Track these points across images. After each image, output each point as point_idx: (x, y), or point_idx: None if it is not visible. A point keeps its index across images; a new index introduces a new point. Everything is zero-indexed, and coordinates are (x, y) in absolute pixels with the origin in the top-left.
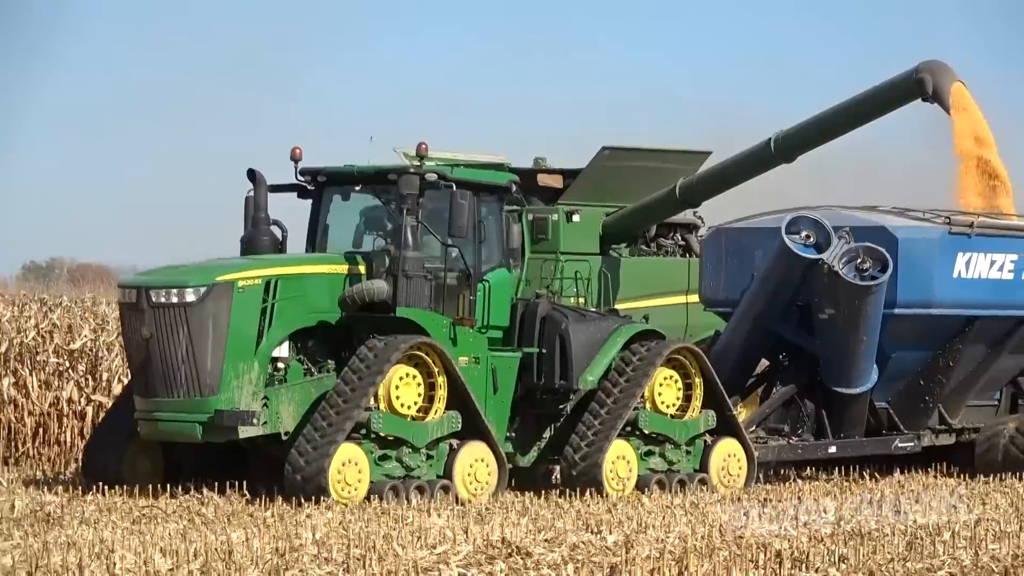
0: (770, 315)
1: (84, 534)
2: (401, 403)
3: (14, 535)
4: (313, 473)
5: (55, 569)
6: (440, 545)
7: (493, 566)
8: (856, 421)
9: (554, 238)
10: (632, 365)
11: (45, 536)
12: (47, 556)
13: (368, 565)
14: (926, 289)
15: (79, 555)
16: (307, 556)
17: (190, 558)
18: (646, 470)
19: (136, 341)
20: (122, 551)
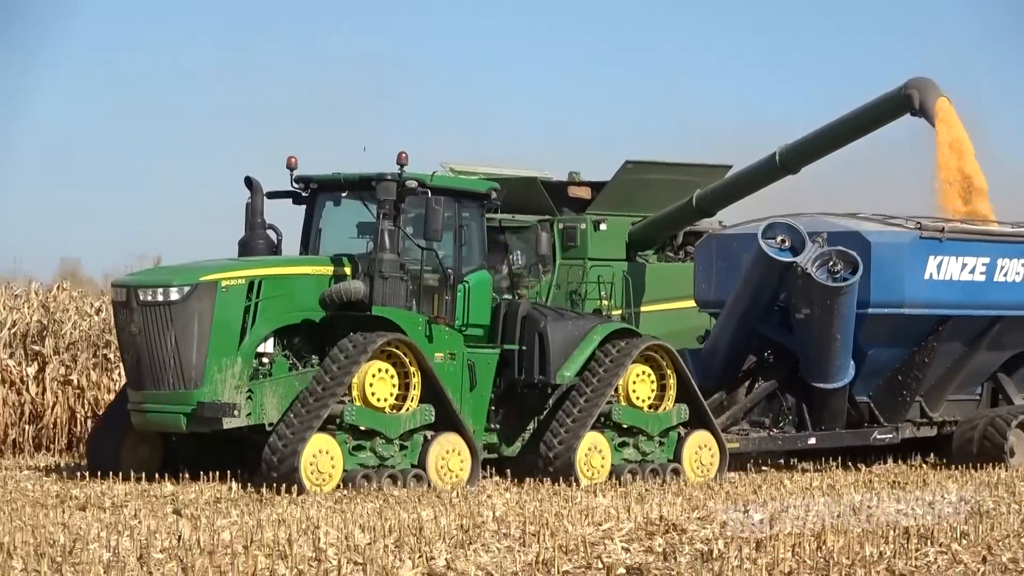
0: (752, 315)
1: (293, 512)
2: (375, 396)
3: (231, 513)
4: (286, 462)
5: (267, 543)
6: (605, 522)
7: (652, 541)
8: (836, 414)
9: (582, 245)
10: (607, 362)
11: (259, 514)
12: (260, 532)
13: (542, 540)
14: (897, 290)
15: (288, 531)
16: (488, 532)
17: (385, 533)
18: (620, 460)
19: (127, 337)
20: (326, 527)
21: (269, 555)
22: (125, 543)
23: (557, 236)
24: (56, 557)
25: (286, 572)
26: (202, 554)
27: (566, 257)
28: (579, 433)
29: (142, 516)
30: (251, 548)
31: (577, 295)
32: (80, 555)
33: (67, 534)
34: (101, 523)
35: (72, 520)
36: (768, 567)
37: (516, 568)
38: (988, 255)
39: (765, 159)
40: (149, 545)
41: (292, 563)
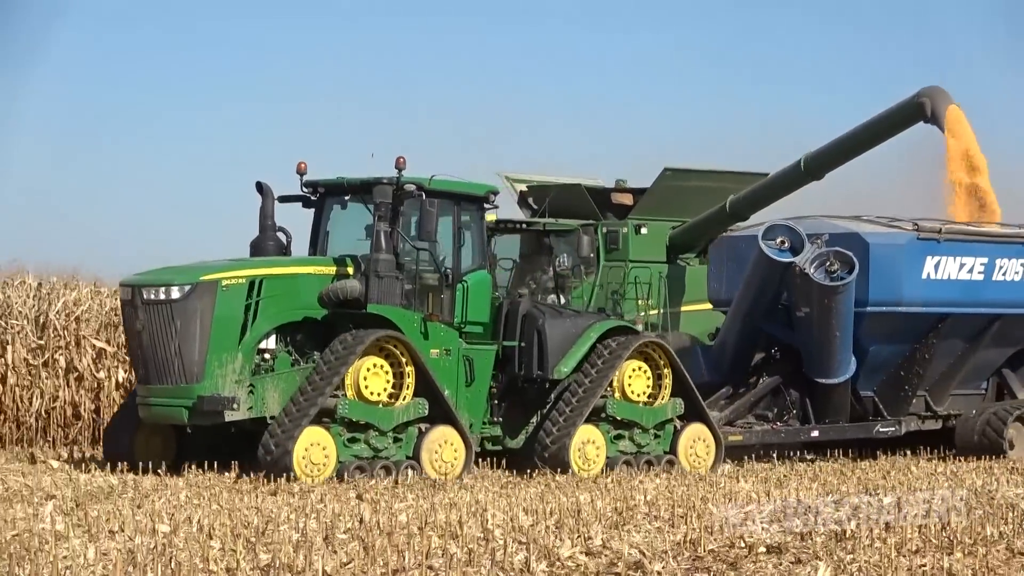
0: (756, 313)
1: (463, 496)
2: (369, 390)
3: (407, 497)
4: (280, 454)
5: (440, 525)
6: (747, 505)
7: (789, 522)
8: (839, 408)
9: (624, 248)
10: (603, 357)
11: (432, 498)
12: (434, 514)
13: (689, 521)
14: (895, 289)
15: (459, 513)
16: (640, 514)
17: (546, 515)
18: (616, 452)
19: (133, 334)
20: (493, 510)
21: (442, 535)
22: (312, 525)
23: (600, 239)
24: (250, 538)
25: (457, 551)
26: (381, 535)
27: (609, 259)
28: (573, 426)
29: (327, 500)
30: (425, 529)
31: (618, 295)
32: (272, 536)
33: (260, 517)
34: (291, 507)
35: (264, 504)
36: (896, 546)
37: (665, 547)
38: (987, 255)
39: (791, 166)
40: (334, 527)
41: (463, 543)
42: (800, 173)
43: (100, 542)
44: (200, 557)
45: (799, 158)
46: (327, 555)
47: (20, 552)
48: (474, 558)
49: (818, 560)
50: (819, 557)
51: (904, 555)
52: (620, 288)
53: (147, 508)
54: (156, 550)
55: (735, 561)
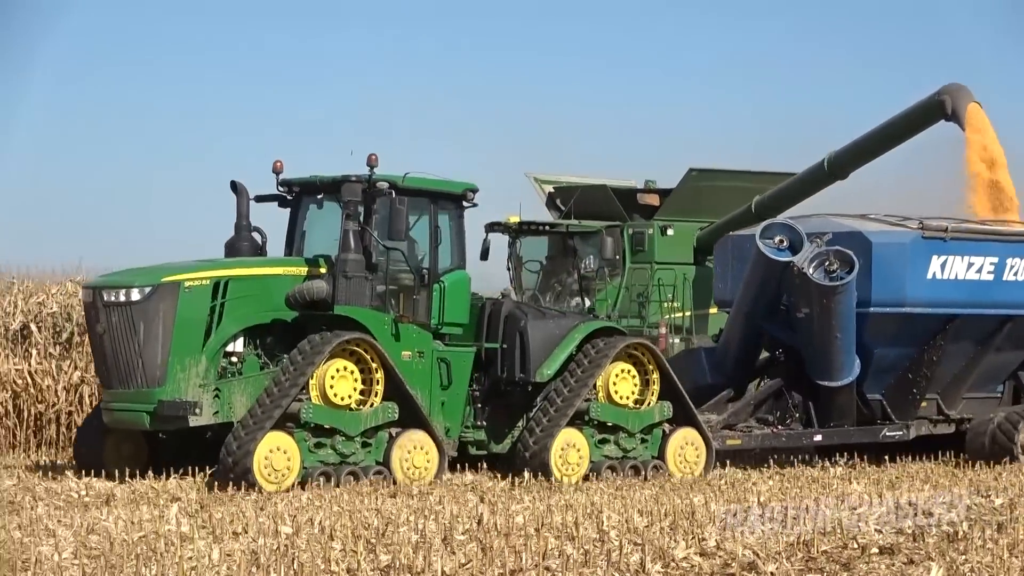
0: (757, 314)
1: (579, 498)
2: (335, 394)
3: (524, 499)
4: (240, 459)
5: (556, 526)
6: (859, 507)
7: (902, 524)
8: (844, 411)
9: (650, 250)
10: (587, 359)
11: (548, 500)
12: (550, 516)
13: (803, 522)
14: (898, 289)
15: (575, 515)
16: (753, 515)
17: (661, 517)
18: (600, 456)
19: (95, 337)
20: (608, 511)
21: (558, 536)
22: (431, 526)
23: (626, 241)
24: (370, 539)
25: (573, 551)
26: (499, 536)
27: (634, 261)
28: (554, 430)
29: (445, 502)
30: (542, 530)
31: (644, 297)
32: (392, 537)
33: (380, 518)
34: (410, 508)
35: (384, 506)
36: (1009, 547)
37: (779, 548)
38: (997, 254)
39: (814, 166)
40: (452, 528)
41: (579, 544)
42: (824, 173)
43: (224, 543)
44: (322, 558)
45: (823, 158)
46: (446, 556)
47: (147, 553)
48: (590, 559)
49: (930, 561)
50: (931, 558)
51: (1016, 556)
52: (646, 290)
53: (270, 510)
54: (279, 551)
55: (848, 562)
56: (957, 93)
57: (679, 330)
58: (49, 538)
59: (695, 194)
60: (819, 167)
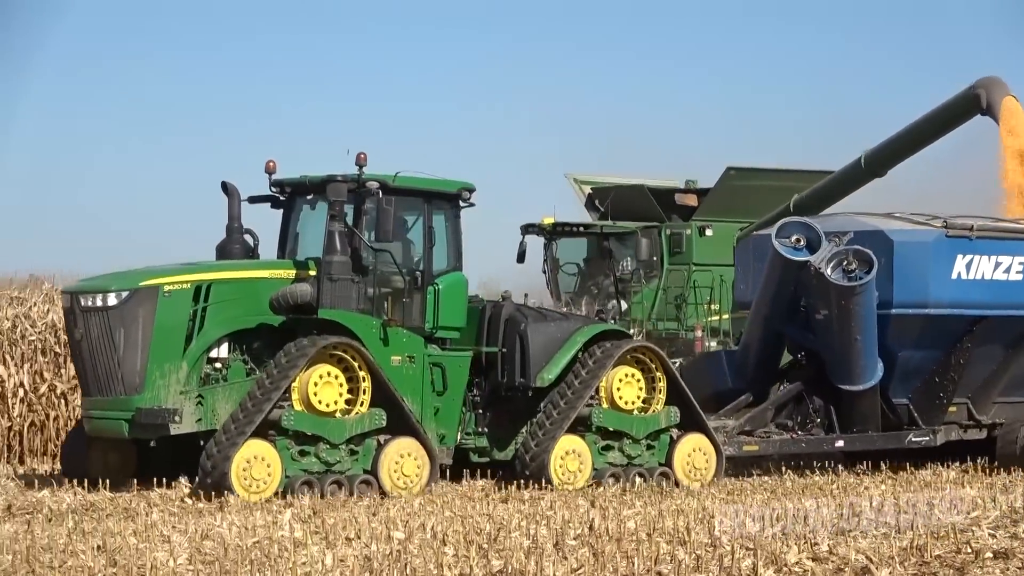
0: (776, 316)
1: (690, 503)
2: (319, 401)
3: (635, 504)
4: (218, 469)
5: (668, 531)
6: (973, 511)
7: (1017, 528)
8: (867, 416)
9: (688, 251)
10: (589, 364)
11: (660, 505)
12: (662, 521)
13: (915, 527)
14: (921, 290)
15: (687, 520)
16: (865, 520)
17: (773, 522)
18: (603, 464)
19: (73, 344)
20: (720, 516)
21: (670, 541)
22: (542, 531)
23: (664, 242)
24: (482, 544)
25: (685, 557)
26: (610, 541)
27: (672, 263)
28: (554, 437)
29: (556, 507)
30: (654, 535)
31: (682, 299)
32: (503, 542)
33: (492, 523)
34: (521, 513)
35: (496, 511)
36: None
37: (892, 553)
38: None
39: (851, 164)
40: (564, 533)
41: (690, 549)
42: (861, 170)
43: (337, 549)
44: (434, 563)
45: (859, 155)
46: (558, 561)
47: (261, 559)
48: (702, 564)
49: None
50: None
51: None
52: (683, 292)
53: (382, 515)
54: (391, 556)
55: (962, 567)
56: (992, 86)
57: (717, 333)
58: (164, 544)
59: (733, 193)
60: (856, 165)
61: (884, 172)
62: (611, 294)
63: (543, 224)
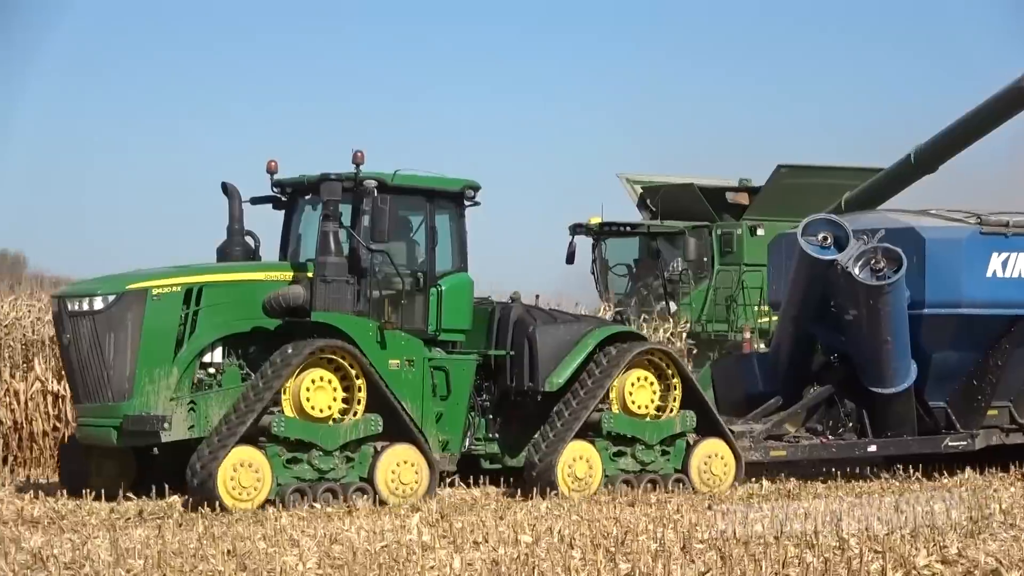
0: (805, 317)
1: (818, 506)
2: (312, 406)
3: (763, 508)
4: (204, 477)
5: (795, 534)
6: None
7: None
8: (902, 420)
9: (739, 251)
10: (600, 367)
11: (787, 508)
12: (789, 524)
13: None
14: (954, 289)
15: (814, 523)
16: (995, 523)
17: (901, 525)
18: (616, 470)
19: (62, 349)
20: (848, 519)
21: (797, 545)
22: (669, 535)
23: (715, 242)
24: (609, 547)
25: (813, 559)
26: (738, 544)
27: (723, 263)
28: (561, 443)
29: (683, 510)
30: (781, 539)
31: (733, 300)
32: (631, 545)
33: (619, 527)
34: (648, 517)
35: (622, 514)
36: None
37: (1023, 556)
38: None
39: (901, 160)
40: (691, 537)
41: (818, 551)
42: (911, 167)
43: (465, 552)
44: (562, 567)
45: (909, 151)
46: (685, 564)
47: (389, 563)
48: (830, 567)
49: None
50: None
51: None
52: (734, 293)
53: (509, 519)
54: (519, 560)
55: None
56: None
57: (766, 334)
58: (293, 548)
59: (785, 192)
60: (906, 161)
61: (935, 168)
62: (660, 295)
63: (589, 224)
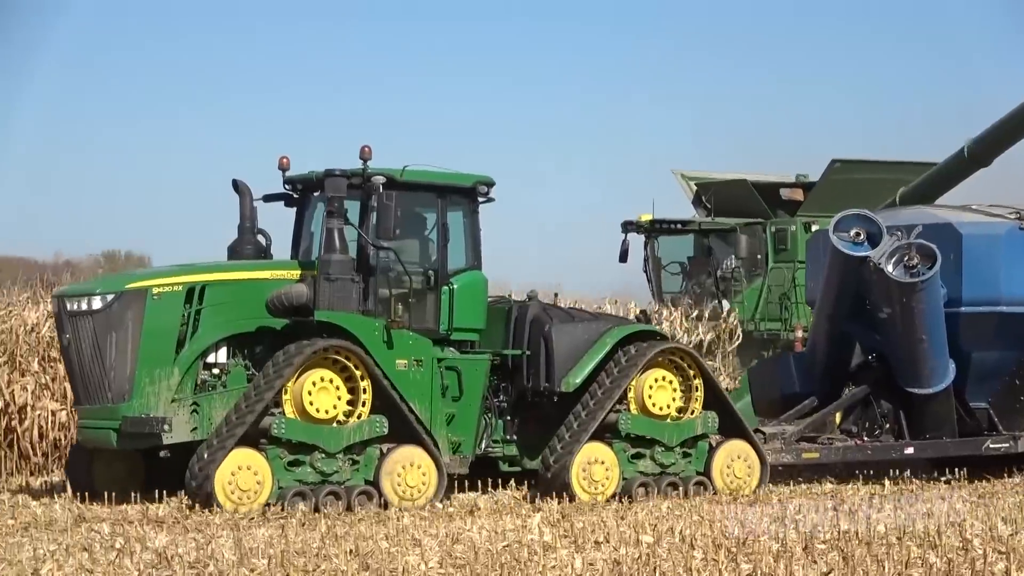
0: (840, 315)
1: (941, 506)
2: (315, 407)
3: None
4: (201, 481)
5: (918, 534)
6: None
7: None
8: (941, 421)
9: (793, 248)
10: (617, 367)
11: (909, 508)
12: (912, 524)
13: None
14: (992, 286)
15: (937, 523)
16: None
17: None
18: (634, 473)
19: (63, 349)
20: (971, 520)
21: (920, 545)
22: (791, 535)
23: (769, 239)
24: (731, 548)
25: (936, 560)
26: (860, 545)
27: (778, 260)
28: (575, 445)
29: (805, 511)
30: (904, 539)
31: (787, 298)
32: (752, 546)
33: (741, 527)
34: (770, 517)
35: (744, 515)
36: None
37: None
38: None
39: (954, 155)
40: (812, 537)
41: (942, 552)
42: (965, 161)
43: (586, 552)
44: (683, 567)
45: (962, 145)
46: (807, 565)
47: (511, 563)
48: (953, 568)
49: None
50: None
51: None
52: (787, 291)
53: (630, 519)
54: (640, 560)
55: None
56: None
57: None
58: (415, 548)
59: (839, 187)
60: (959, 155)
61: (989, 161)
62: (713, 294)
63: (640, 221)
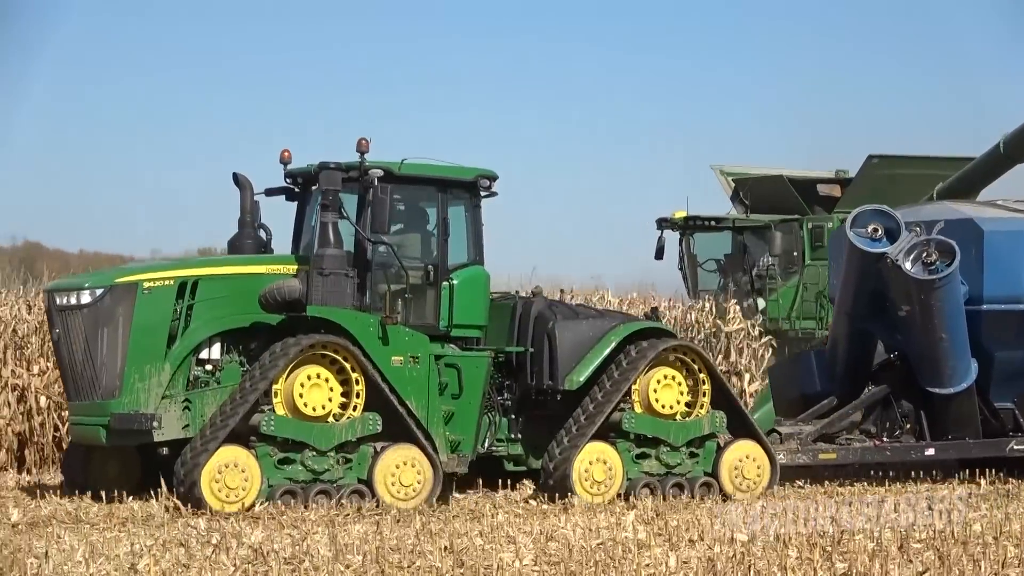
0: (859, 313)
1: None
2: (306, 404)
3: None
4: (187, 479)
5: (1015, 534)
6: None
7: None
8: (964, 422)
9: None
10: (622, 365)
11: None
12: (1008, 524)
13: None
14: (1015, 283)
15: None
16: None
17: None
18: (639, 473)
19: (54, 344)
20: None
21: (1017, 545)
22: (887, 534)
23: (805, 235)
24: (826, 547)
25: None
26: (956, 544)
27: (814, 257)
28: (577, 445)
29: (901, 509)
30: (1000, 539)
31: (823, 296)
32: (847, 545)
33: (835, 526)
34: (865, 516)
35: (839, 513)
36: None
37: None
38: None
39: (990, 150)
40: (908, 536)
41: None
42: (1000, 156)
43: (680, 550)
44: (777, 565)
45: (998, 140)
46: (902, 564)
47: (605, 560)
48: None
49: None
50: None
51: None
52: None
53: (724, 518)
54: (735, 558)
55: None
56: None
57: None
58: (509, 545)
59: (876, 183)
60: (995, 150)
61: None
62: (748, 291)
63: (674, 218)
